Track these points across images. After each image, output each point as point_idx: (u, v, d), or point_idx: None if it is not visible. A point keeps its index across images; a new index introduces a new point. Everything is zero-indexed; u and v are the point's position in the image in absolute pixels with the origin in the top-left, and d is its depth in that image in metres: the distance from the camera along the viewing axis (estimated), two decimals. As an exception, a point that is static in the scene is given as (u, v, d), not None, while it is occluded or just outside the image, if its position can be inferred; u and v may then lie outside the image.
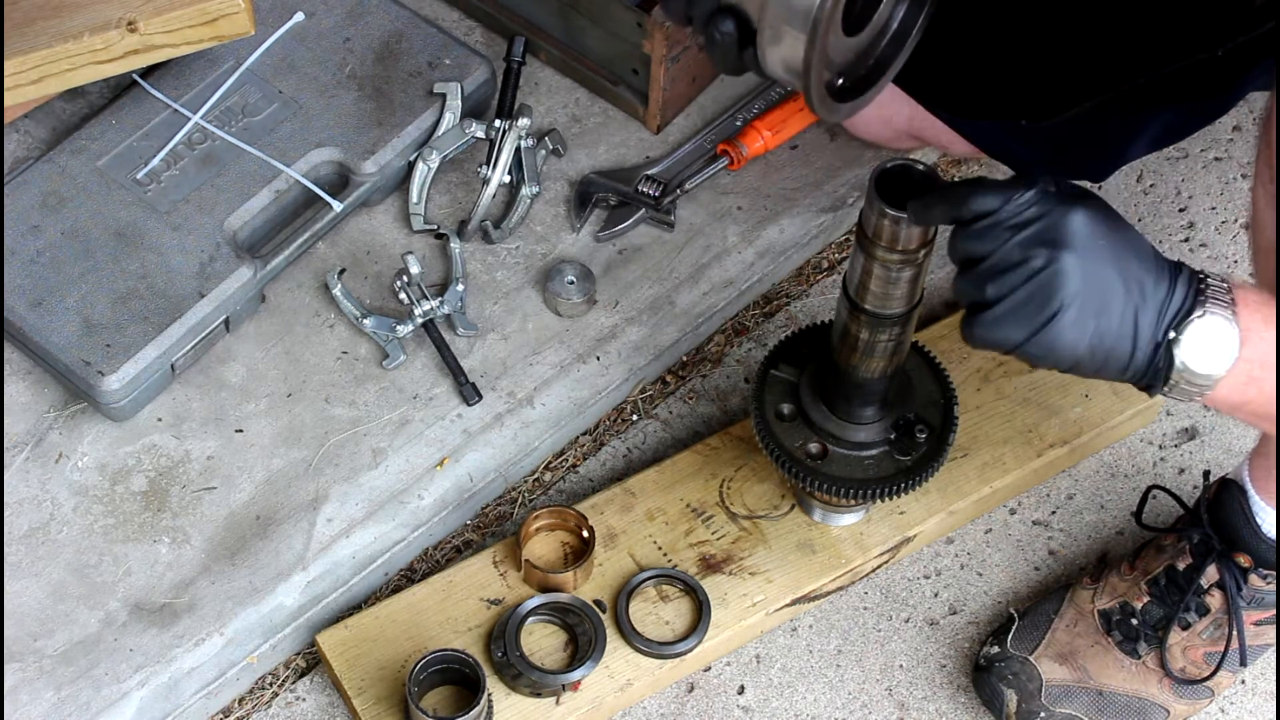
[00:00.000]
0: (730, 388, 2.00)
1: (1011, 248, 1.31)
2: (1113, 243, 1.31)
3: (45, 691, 1.71)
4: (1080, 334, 1.30)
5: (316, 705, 1.80)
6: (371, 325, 1.90)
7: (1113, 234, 1.31)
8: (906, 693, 1.84)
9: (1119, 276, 1.30)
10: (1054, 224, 1.30)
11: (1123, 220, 1.33)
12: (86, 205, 1.91)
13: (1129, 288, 1.30)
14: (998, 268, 1.32)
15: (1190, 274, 1.33)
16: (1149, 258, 1.32)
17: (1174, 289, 1.32)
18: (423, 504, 1.85)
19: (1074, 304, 1.29)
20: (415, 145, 1.99)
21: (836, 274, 2.08)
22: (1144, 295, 1.31)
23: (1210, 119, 1.94)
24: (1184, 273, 1.33)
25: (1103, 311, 1.30)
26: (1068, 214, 1.30)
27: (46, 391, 1.88)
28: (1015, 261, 1.31)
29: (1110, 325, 1.30)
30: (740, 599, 1.80)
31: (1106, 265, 1.30)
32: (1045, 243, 1.30)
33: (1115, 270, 1.30)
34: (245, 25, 1.88)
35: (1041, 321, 1.30)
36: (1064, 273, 1.29)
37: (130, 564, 1.78)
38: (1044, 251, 1.30)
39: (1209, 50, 1.64)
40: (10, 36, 1.82)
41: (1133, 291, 1.30)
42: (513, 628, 1.75)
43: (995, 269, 1.32)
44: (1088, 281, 1.29)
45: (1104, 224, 1.31)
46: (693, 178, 2.04)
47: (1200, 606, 1.74)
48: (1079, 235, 1.30)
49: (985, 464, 1.89)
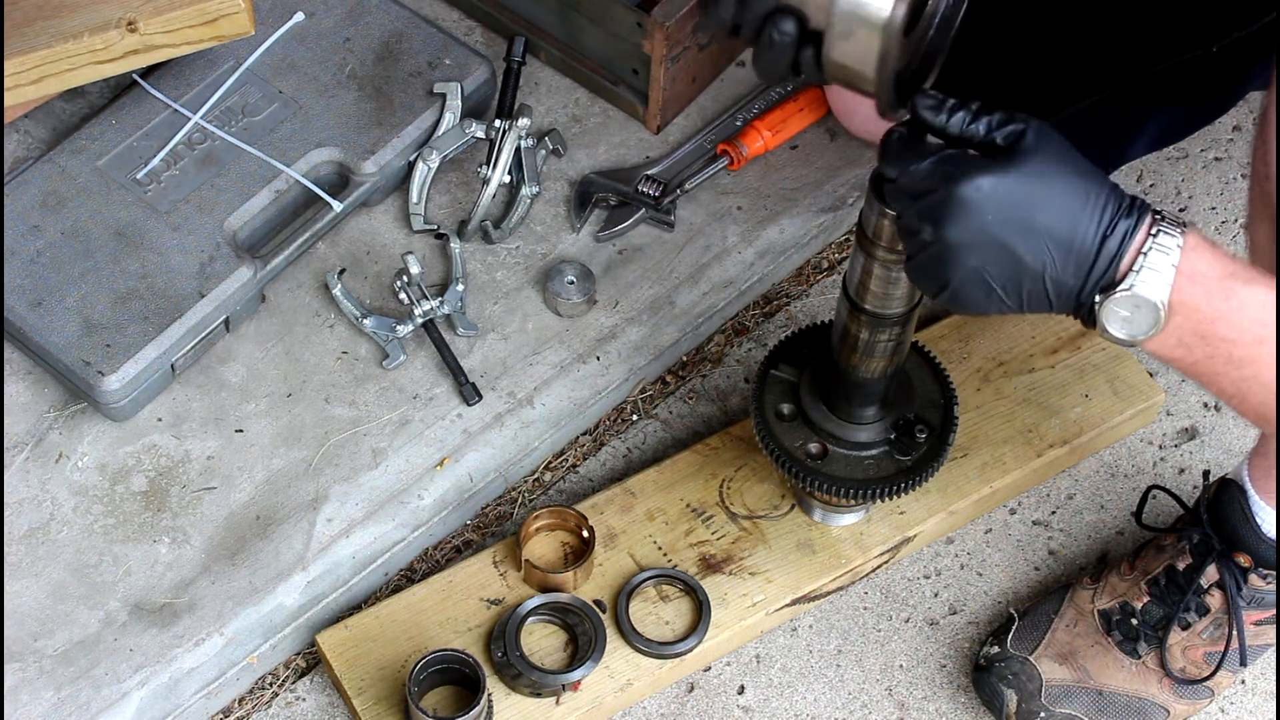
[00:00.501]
0: (730, 388, 2.00)
1: (909, 217, 1.32)
2: (1022, 206, 1.27)
3: (45, 691, 1.71)
4: (981, 298, 1.30)
5: (316, 705, 1.80)
6: (371, 325, 1.90)
7: (1025, 196, 1.27)
8: (906, 693, 1.84)
9: (1022, 243, 1.27)
10: (940, 200, 1.28)
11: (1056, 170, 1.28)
12: (86, 205, 1.91)
13: (1036, 252, 1.27)
14: (902, 229, 1.34)
15: (1126, 232, 1.28)
16: (1075, 217, 1.27)
17: (1099, 250, 1.28)
18: (423, 504, 1.85)
19: (966, 279, 1.29)
20: (415, 145, 1.99)
21: (836, 274, 2.08)
22: (1057, 259, 1.28)
23: (1210, 119, 1.94)
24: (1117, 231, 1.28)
25: (1003, 277, 1.29)
26: (955, 189, 1.27)
27: (46, 391, 1.88)
28: (913, 230, 1.31)
29: (1015, 287, 1.29)
30: (740, 599, 1.81)
31: (1002, 234, 1.27)
32: (932, 219, 1.29)
33: (1017, 237, 1.27)
34: (245, 25, 1.88)
35: (938, 286, 1.32)
36: (948, 252, 1.29)
37: (130, 564, 1.78)
38: (929, 228, 1.29)
39: (1204, 47, 1.64)
40: (10, 36, 1.82)
41: (1040, 255, 1.28)
42: (513, 628, 1.75)
43: (901, 230, 1.34)
44: (978, 255, 1.28)
45: (1013, 187, 1.27)
46: (693, 178, 2.04)
47: (1200, 606, 1.75)
48: (965, 211, 1.27)
49: (985, 464, 1.89)
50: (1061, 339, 1.96)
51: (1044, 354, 1.96)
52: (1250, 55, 1.66)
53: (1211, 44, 1.63)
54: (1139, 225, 1.28)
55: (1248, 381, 1.32)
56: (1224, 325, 1.29)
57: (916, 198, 1.30)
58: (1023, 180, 1.27)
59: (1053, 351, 1.96)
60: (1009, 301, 1.30)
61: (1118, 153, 1.89)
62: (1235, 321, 1.29)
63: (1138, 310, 1.29)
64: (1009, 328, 1.97)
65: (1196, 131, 1.98)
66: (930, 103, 1.32)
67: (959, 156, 1.29)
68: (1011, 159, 1.28)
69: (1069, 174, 1.28)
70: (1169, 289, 1.28)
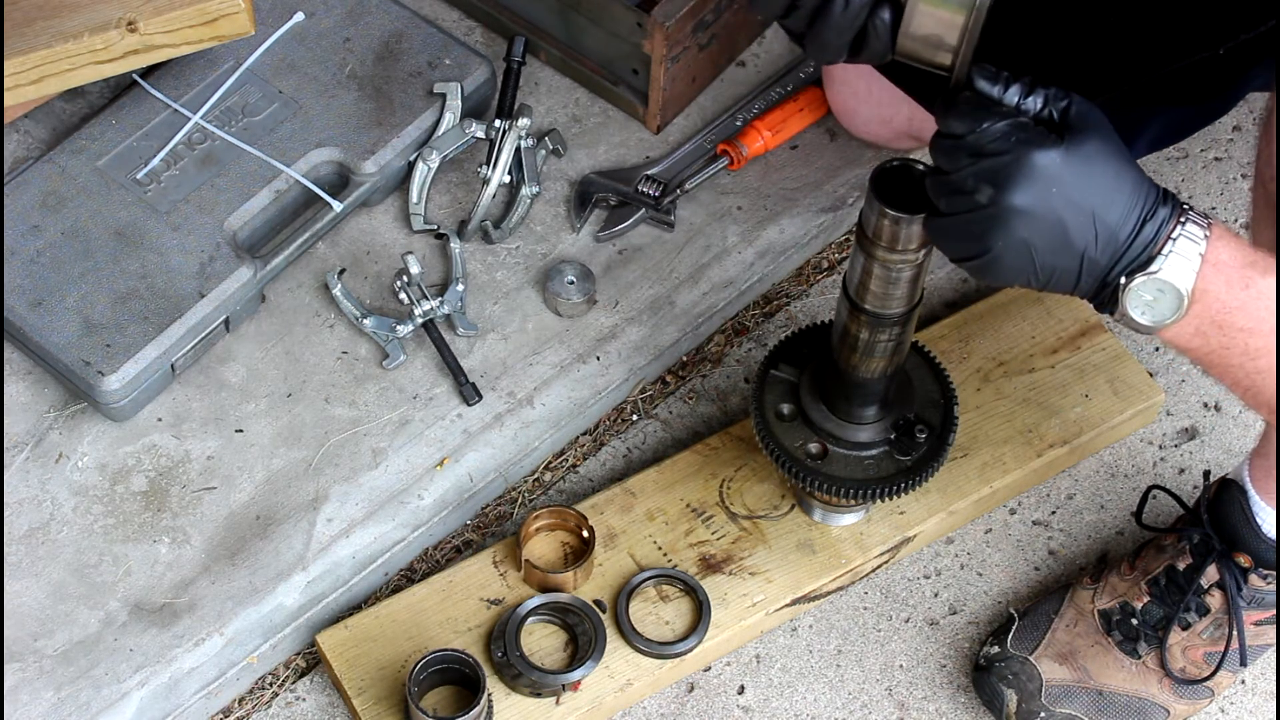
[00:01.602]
0: (730, 388, 2.00)
1: (965, 175, 1.30)
2: (1080, 184, 1.28)
3: (45, 691, 1.71)
4: (1017, 268, 1.30)
5: (316, 705, 1.80)
6: (371, 325, 1.90)
7: (1083, 174, 1.28)
8: (906, 693, 1.84)
9: (1073, 220, 1.28)
10: (1009, 164, 1.28)
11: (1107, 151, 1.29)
12: (86, 205, 1.91)
13: (1082, 230, 1.29)
14: (950, 187, 1.32)
15: (1164, 219, 1.30)
16: (1121, 200, 1.29)
17: (1136, 235, 1.29)
18: (423, 504, 1.85)
19: (1011, 246, 1.29)
20: (415, 145, 1.99)
21: (836, 274, 2.08)
22: (1099, 239, 1.29)
23: (1211, 119, 1.94)
24: (1156, 216, 1.30)
25: (1047, 250, 1.29)
26: (1028, 156, 1.28)
27: (46, 391, 1.88)
28: (966, 189, 1.30)
29: (1052, 262, 1.30)
30: (740, 599, 1.81)
31: (1060, 209, 1.28)
32: (994, 182, 1.28)
33: (1071, 213, 1.28)
34: (245, 25, 1.88)
35: (978, 251, 1.31)
36: (1004, 217, 1.28)
37: (130, 564, 1.78)
38: (990, 191, 1.29)
39: (1211, 49, 1.64)
40: (10, 36, 1.82)
41: (1086, 233, 1.29)
42: (513, 628, 1.75)
43: (948, 187, 1.32)
44: (1030, 226, 1.28)
45: (1074, 164, 1.28)
46: (693, 178, 2.04)
47: (1200, 606, 1.75)
48: (1033, 180, 1.27)
49: (985, 464, 1.89)
50: (1062, 339, 1.96)
51: (1044, 354, 1.96)
52: (1252, 56, 1.66)
53: (1218, 46, 1.63)
54: (1172, 212, 1.30)
55: (1263, 374, 1.32)
56: (1241, 315, 1.30)
57: (979, 157, 1.29)
58: (1084, 159, 1.28)
59: (1053, 351, 1.96)
60: (1040, 276, 1.31)
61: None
62: (1253, 311, 1.30)
63: (1161, 295, 1.30)
64: (1009, 328, 1.97)
65: (1197, 132, 1.98)
66: (988, 74, 1.31)
67: (1030, 125, 1.29)
68: (1074, 137, 1.28)
69: (1119, 158, 1.30)
70: (1194, 275, 1.30)
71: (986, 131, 1.30)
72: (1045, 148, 1.28)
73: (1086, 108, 1.30)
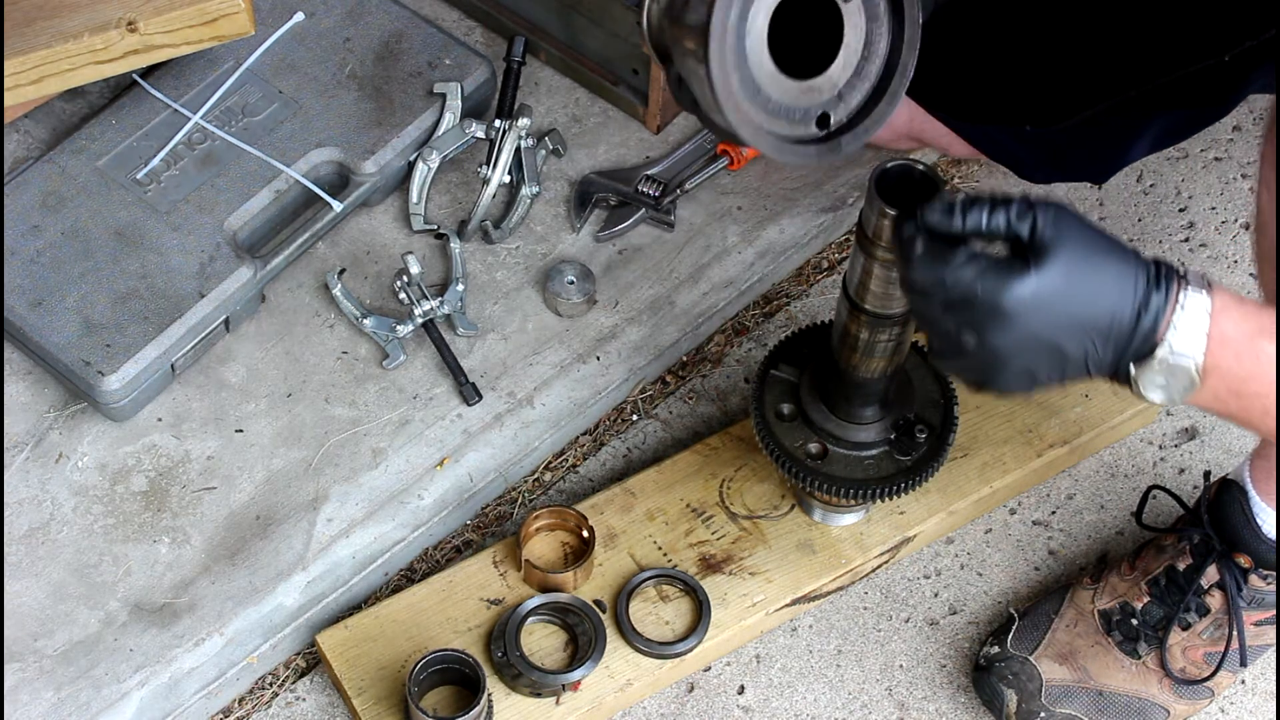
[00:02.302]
0: (730, 388, 2.00)
1: (947, 321, 1.30)
2: (1063, 303, 1.27)
3: (45, 691, 1.71)
4: (1025, 387, 1.32)
5: (316, 705, 1.80)
6: (371, 325, 1.90)
7: (1064, 293, 1.27)
8: (906, 693, 1.84)
9: (1066, 337, 1.28)
10: (985, 311, 1.27)
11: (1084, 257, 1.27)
12: (86, 205, 1.91)
13: (1078, 343, 1.28)
14: (936, 335, 1.33)
15: (1159, 306, 1.28)
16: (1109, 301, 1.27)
17: (1135, 327, 1.28)
18: (423, 504, 1.85)
19: (1012, 377, 1.30)
20: (415, 145, 1.99)
21: (836, 274, 2.08)
22: (1097, 344, 1.29)
23: (1211, 120, 1.94)
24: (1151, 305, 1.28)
25: (1048, 368, 1.30)
26: (1001, 297, 1.26)
27: (46, 391, 1.88)
28: (951, 336, 1.30)
29: (1058, 374, 1.30)
30: (740, 599, 1.81)
31: (1049, 333, 1.27)
32: (976, 329, 1.28)
33: (1062, 333, 1.28)
34: (245, 25, 1.88)
35: (982, 383, 1.33)
36: (995, 358, 1.29)
37: (130, 564, 1.78)
38: (972, 338, 1.29)
39: (1215, 56, 1.64)
40: (10, 36, 1.82)
41: (1083, 344, 1.28)
42: (513, 628, 1.75)
43: (934, 335, 1.33)
44: (1024, 356, 1.28)
45: (1052, 286, 1.26)
46: (693, 178, 2.04)
47: (1200, 607, 1.75)
48: (1013, 318, 1.27)
49: (985, 464, 1.89)
50: (1061, 339, 1.96)
51: (1044, 354, 1.96)
52: (1253, 60, 1.66)
53: (1224, 53, 1.63)
54: (1168, 295, 1.28)
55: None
56: (1255, 382, 1.30)
57: (952, 307, 1.29)
58: (1060, 277, 1.26)
59: (1053, 351, 1.96)
60: (1050, 385, 1.32)
61: (1119, 155, 1.89)
62: (1267, 377, 1.30)
63: (1173, 377, 1.30)
64: (1009, 328, 1.97)
65: (1197, 132, 1.98)
66: (940, 210, 1.30)
67: (993, 263, 1.27)
68: (1044, 257, 1.26)
69: (1098, 258, 1.28)
70: (1202, 354, 1.29)
71: (952, 279, 1.28)
72: (1016, 281, 1.26)
73: (1052, 215, 1.28)
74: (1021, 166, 1.92)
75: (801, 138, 1.38)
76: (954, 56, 1.81)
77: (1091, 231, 1.28)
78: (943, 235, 1.30)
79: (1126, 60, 1.70)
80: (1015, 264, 1.27)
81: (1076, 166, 1.91)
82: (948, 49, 1.79)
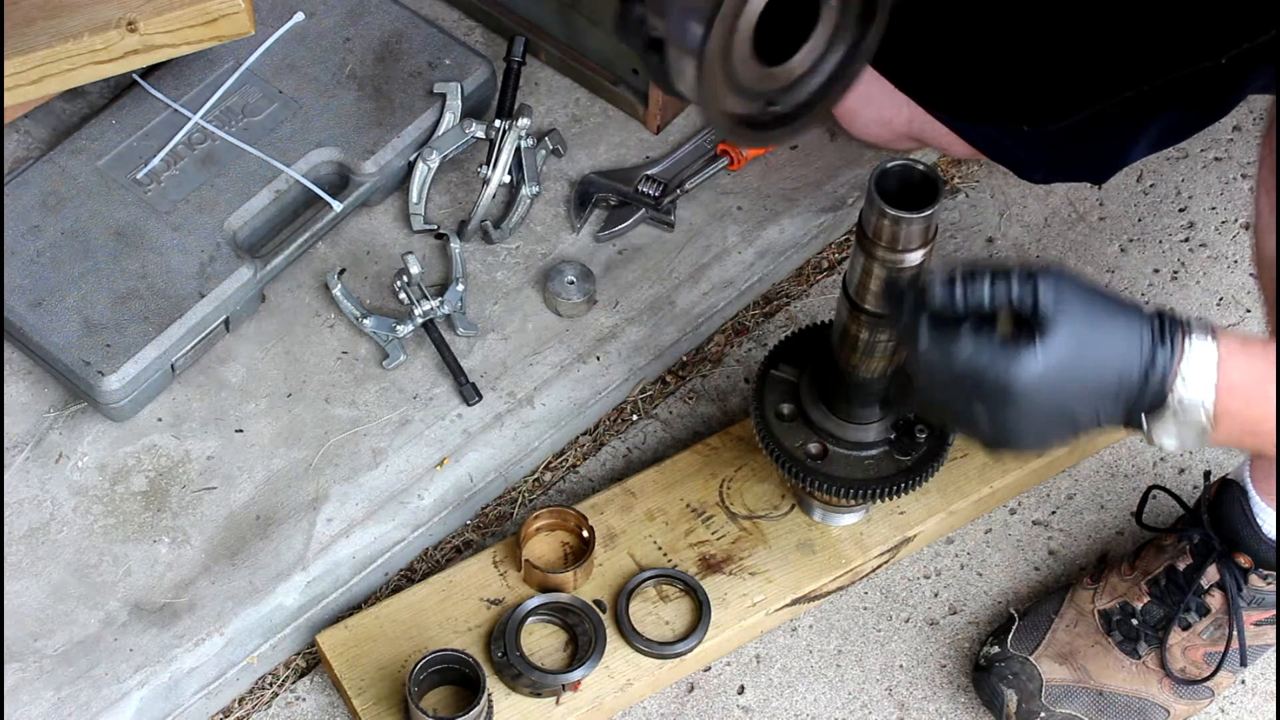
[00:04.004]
0: (730, 388, 2.00)
1: (958, 399, 1.31)
2: (1070, 374, 1.28)
3: (45, 691, 1.71)
4: (1043, 448, 1.34)
5: (316, 705, 1.80)
6: (371, 325, 1.90)
7: (1070, 365, 1.28)
8: (906, 693, 1.84)
9: (1077, 404, 1.30)
10: (994, 391, 1.28)
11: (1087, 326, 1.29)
12: (86, 205, 1.91)
13: (1088, 407, 1.30)
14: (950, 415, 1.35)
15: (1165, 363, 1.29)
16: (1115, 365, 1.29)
17: (1144, 385, 1.30)
18: (423, 504, 1.85)
19: (1029, 442, 1.32)
20: (415, 145, 1.99)
21: (836, 274, 2.08)
22: (1107, 404, 1.30)
23: (1209, 122, 1.94)
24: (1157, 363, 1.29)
25: (1062, 430, 1.32)
26: (1008, 377, 1.28)
27: (46, 391, 1.88)
28: (963, 413, 1.32)
29: (1072, 434, 1.32)
30: (740, 599, 1.80)
31: (1059, 402, 1.29)
32: (987, 407, 1.30)
33: (1072, 400, 1.29)
34: (245, 25, 1.88)
35: (1002, 449, 1.35)
36: (1007, 431, 1.31)
37: (130, 564, 1.78)
38: (984, 415, 1.30)
39: (1214, 57, 1.64)
40: (10, 36, 1.82)
41: (1093, 407, 1.30)
42: (513, 628, 1.75)
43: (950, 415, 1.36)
44: (1037, 424, 1.30)
45: (1058, 359, 1.28)
46: (693, 178, 2.04)
47: (1200, 607, 1.75)
48: (1022, 394, 1.28)
49: (985, 464, 1.89)
50: (1061, 339, 1.96)
51: (1044, 354, 1.96)
52: (1250, 62, 1.66)
53: (1222, 55, 1.63)
54: (1174, 349, 1.30)
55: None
56: (1268, 423, 1.32)
57: (960, 389, 1.30)
58: (1066, 350, 1.28)
59: (1053, 351, 1.96)
60: (1067, 442, 1.34)
61: (1118, 155, 1.89)
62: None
63: (1185, 426, 1.31)
64: (1009, 328, 1.97)
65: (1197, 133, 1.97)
66: (942, 287, 1.31)
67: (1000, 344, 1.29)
68: (1048, 330, 1.28)
69: (1102, 323, 1.29)
70: (1212, 403, 1.30)
71: (960, 364, 1.29)
72: (1024, 361, 1.27)
73: (1053, 283, 1.29)
74: (1021, 167, 1.92)
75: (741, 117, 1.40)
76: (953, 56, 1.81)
77: (1092, 294, 1.30)
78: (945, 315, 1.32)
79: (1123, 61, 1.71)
80: (1021, 341, 1.28)
81: (1076, 166, 1.91)
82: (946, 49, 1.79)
